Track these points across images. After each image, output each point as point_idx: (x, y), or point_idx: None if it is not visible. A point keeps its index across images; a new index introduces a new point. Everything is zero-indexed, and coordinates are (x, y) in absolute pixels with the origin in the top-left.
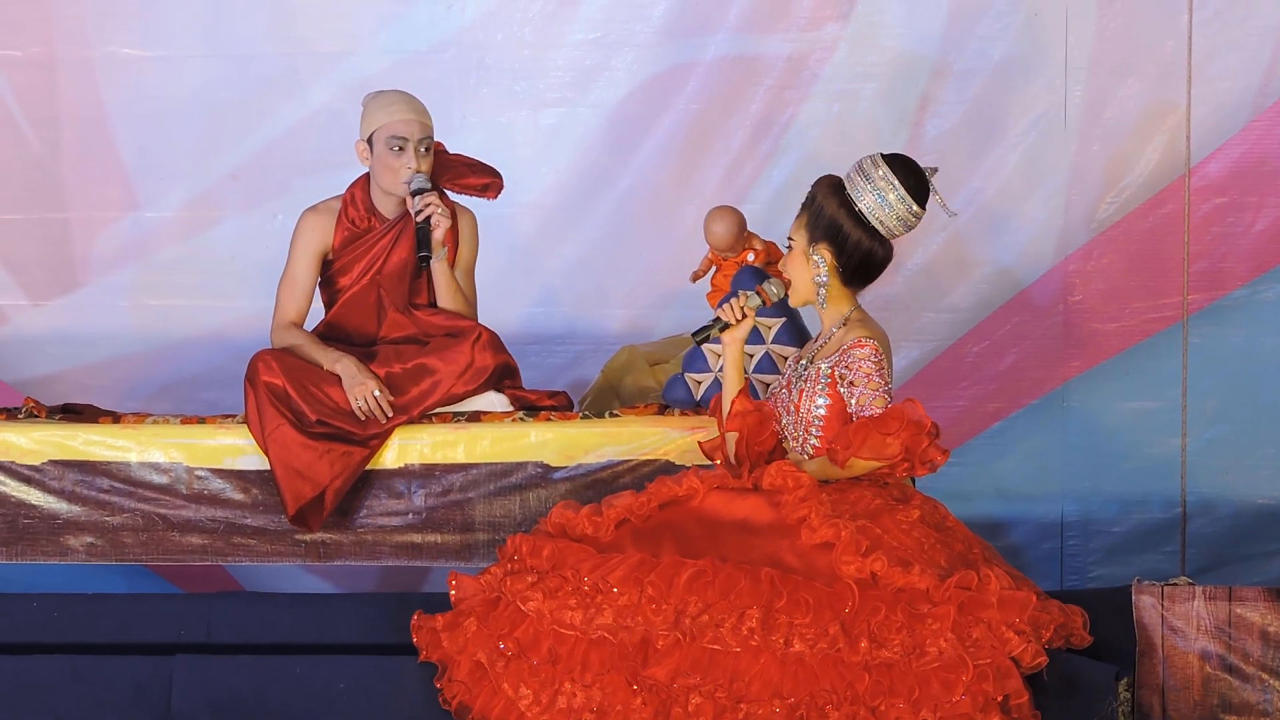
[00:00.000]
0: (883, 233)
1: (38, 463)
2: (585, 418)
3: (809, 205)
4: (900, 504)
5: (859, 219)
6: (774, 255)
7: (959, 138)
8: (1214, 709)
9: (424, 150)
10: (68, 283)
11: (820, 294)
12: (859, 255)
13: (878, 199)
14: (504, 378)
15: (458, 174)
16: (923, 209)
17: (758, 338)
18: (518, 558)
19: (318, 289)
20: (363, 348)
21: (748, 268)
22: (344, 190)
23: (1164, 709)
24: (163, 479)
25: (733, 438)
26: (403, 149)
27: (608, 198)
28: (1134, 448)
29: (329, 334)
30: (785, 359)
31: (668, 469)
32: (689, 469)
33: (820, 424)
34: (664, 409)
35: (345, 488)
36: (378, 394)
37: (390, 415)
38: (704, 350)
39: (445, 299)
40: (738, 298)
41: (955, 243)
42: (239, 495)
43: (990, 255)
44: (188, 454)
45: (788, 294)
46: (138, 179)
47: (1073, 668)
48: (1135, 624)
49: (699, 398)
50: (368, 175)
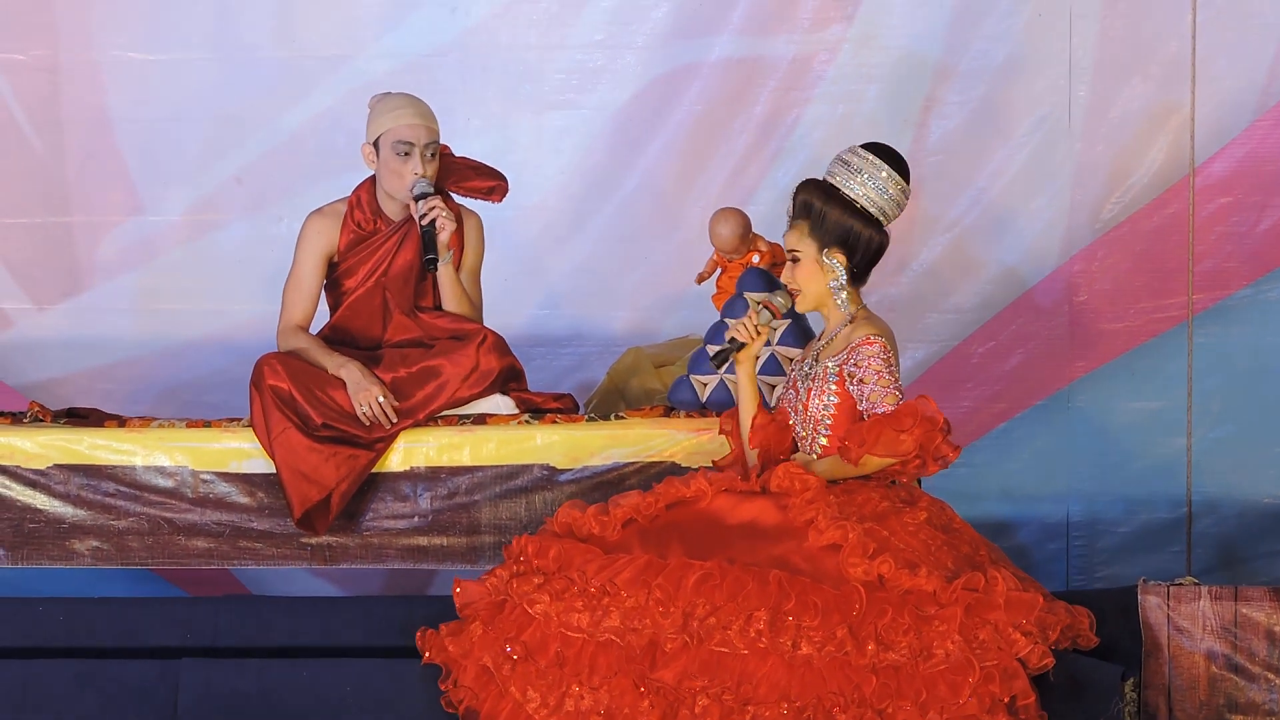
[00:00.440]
0: (882, 220)
1: (43, 467)
2: (591, 420)
3: (807, 213)
4: (907, 506)
5: (862, 213)
6: (779, 257)
7: (963, 138)
8: (1220, 709)
9: (430, 155)
10: (71, 286)
11: (841, 297)
12: (870, 251)
13: (874, 185)
14: (509, 380)
15: (463, 177)
16: (909, 185)
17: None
18: (524, 559)
19: (323, 292)
20: (368, 351)
21: (753, 269)
22: (349, 193)
23: (1170, 709)
24: (168, 483)
25: (753, 452)
26: (409, 154)
27: (612, 199)
28: (1140, 448)
29: (334, 337)
30: (790, 360)
31: (673, 471)
32: (697, 471)
33: (829, 422)
34: (669, 411)
35: (351, 491)
36: (382, 400)
37: (395, 421)
38: (709, 351)
39: (450, 302)
40: (749, 316)
41: (960, 243)
42: (245, 499)
43: (995, 256)
44: (193, 458)
45: (794, 303)
46: (141, 182)
47: (1079, 668)
48: (1141, 624)
49: (704, 399)
50: (373, 178)
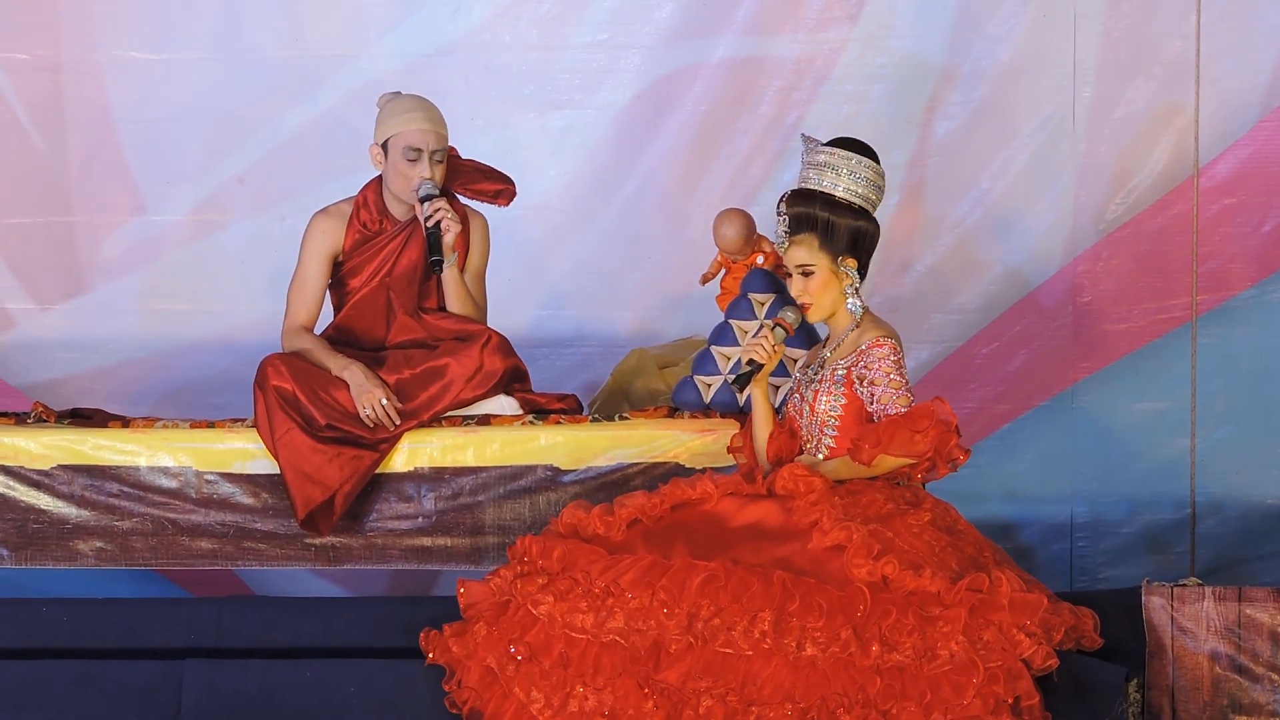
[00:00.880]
0: (870, 210)
1: (47, 467)
2: (595, 421)
3: (812, 226)
4: (911, 507)
5: (858, 212)
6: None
7: (967, 139)
8: (1224, 709)
9: (438, 160)
10: (74, 287)
11: (855, 302)
12: (873, 245)
13: (855, 178)
14: (514, 381)
15: (470, 179)
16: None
17: (734, 341)
18: (528, 559)
19: (328, 292)
20: (371, 352)
21: (757, 270)
22: (353, 193)
23: (1174, 710)
24: (172, 483)
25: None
26: (417, 159)
27: (616, 200)
28: (1143, 448)
29: (338, 337)
30: (795, 361)
31: (678, 472)
32: (703, 472)
33: (836, 424)
34: (674, 412)
35: (355, 491)
36: (385, 402)
37: (398, 423)
38: (713, 353)
39: (455, 304)
40: (764, 337)
41: (963, 244)
42: (248, 499)
43: (999, 256)
44: (197, 458)
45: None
46: (144, 182)
47: (1083, 669)
48: (1145, 625)
49: (709, 400)
50: (380, 178)
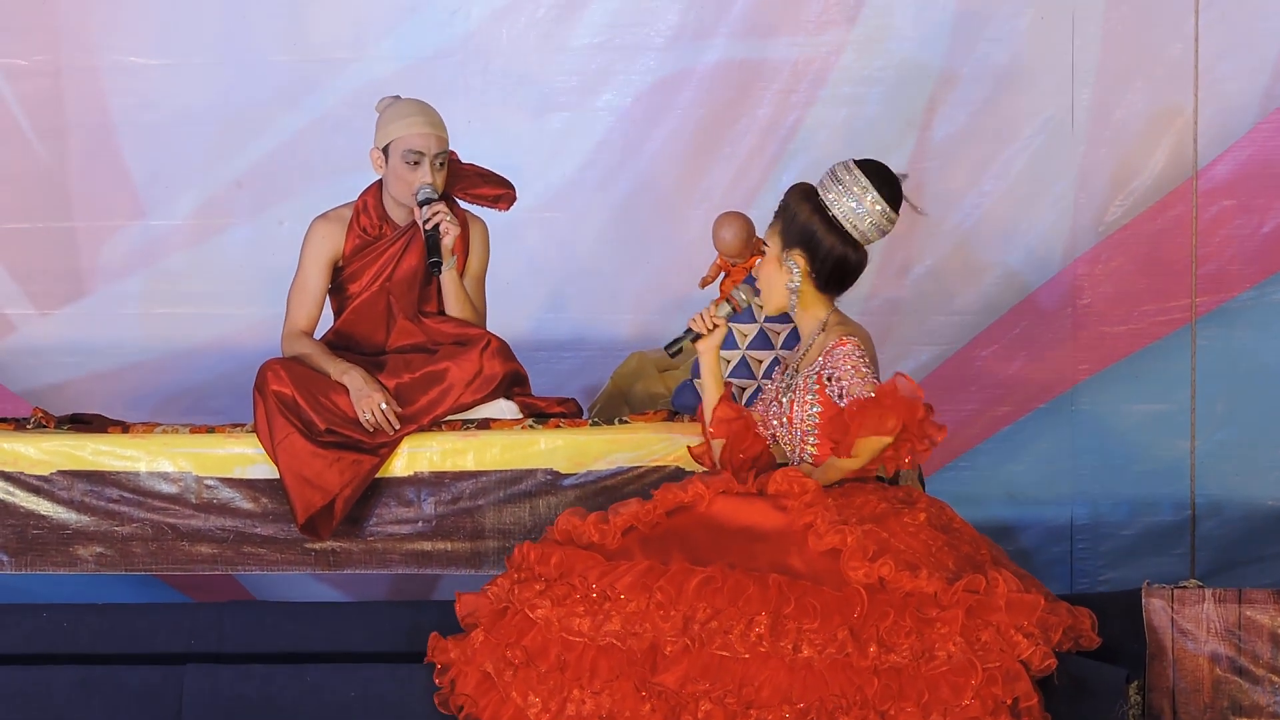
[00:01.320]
0: (856, 238)
1: (46, 473)
2: (595, 424)
3: (782, 212)
4: (906, 507)
5: (832, 224)
6: None
7: (966, 142)
8: (1224, 711)
9: (439, 164)
10: (74, 291)
11: (792, 300)
12: (832, 261)
13: (853, 205)
14: (513, 385)
15: (470, 184)
16: (896, 212)
17: (733, 343)
18: (525, 566)
19: (328, 296)
20: (371, 357)
21: None
22: (353, 197)
23: (1174, 712)
24: (172, 488)
25: (718, 444)
26: (418, 163)
27: (615, 202)
28: (1143, 450)
29: (338, 341)
30: (761, 363)
31: (677, 475)
32: (694, 475)
33: (816, 430)
34: (673, 415)
35: (355, 496)
36: (385, 406)
37: (398, 427)
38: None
39: (454, 307)
40: (709, 307)
41: (963, 246)
42: (248, 504)
43: (998, 259)
44: (197, 463)
45: (760, 305)
46: (144, 187)
47: (1083, 671)
48: (1145, 627)
49: None
50: (380, 182)
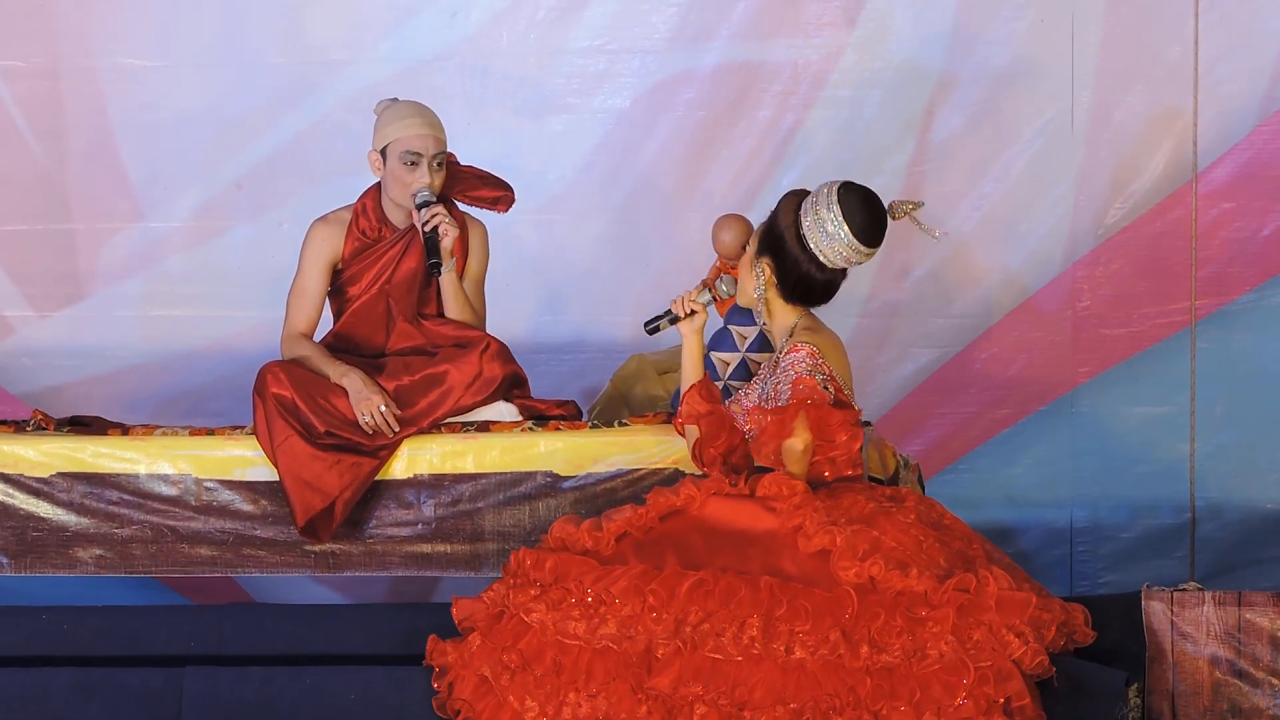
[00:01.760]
0: (822, 260)
1: (46, 475)
2: (594, 427)
3: (771, 215)
4: (895, 505)
5: (803, 243)
6: None
7: (965, 144)
8: (1224, 714)
9: (438, 165)
10: (73, 294)
11: (759, 307)
12: (795, 275)
13: (818, 228)
14: (513, 387)
15: (469, 186)
16: (870, 246)
17: (734, 346)
18: (521, 572)
19: (327, 299)
20: (371, 359)
21: None
22: (352, 199)
23: (1174, 714)
24: (172, 491)
25: (693, 430)
26: (416, 164)
27: (614, 205)
28: (1143, 453)
29: (337, 344)
30: (759, 365)
31: (677, 477)
32: (686, 478)
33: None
34: (673, 418)
35: (355, 498)
36: (384, 408)
37: (397, 430)
38: (713, 359)
39: (453, 310)
40: (690, 291)
41: (963, 249)
42: (248, 507)
43: (998, 261)
44: (196, 465)
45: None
46: (143, 189)
47: (1083, 673)
48: (1145, 629)
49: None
50: (379, 185)
